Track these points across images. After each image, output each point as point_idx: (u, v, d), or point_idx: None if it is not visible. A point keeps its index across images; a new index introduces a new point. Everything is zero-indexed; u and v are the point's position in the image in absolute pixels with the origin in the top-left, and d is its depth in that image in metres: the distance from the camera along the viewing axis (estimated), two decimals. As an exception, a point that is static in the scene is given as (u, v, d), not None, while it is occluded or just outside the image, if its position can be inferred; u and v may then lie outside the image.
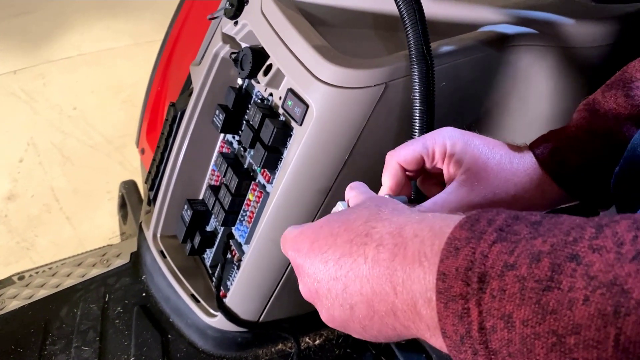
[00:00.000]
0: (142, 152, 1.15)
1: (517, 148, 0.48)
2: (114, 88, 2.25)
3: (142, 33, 2.55)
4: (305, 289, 0.37)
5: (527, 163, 0.47)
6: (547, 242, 0.25)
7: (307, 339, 0.82)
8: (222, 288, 0.78)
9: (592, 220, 0.26)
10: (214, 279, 0.80)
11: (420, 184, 0.52)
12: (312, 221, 0.66)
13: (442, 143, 0.46)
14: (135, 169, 1.85)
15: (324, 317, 0.36)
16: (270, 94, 0.69)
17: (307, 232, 0.37)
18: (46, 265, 0.95)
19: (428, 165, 0.48)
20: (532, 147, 0.48)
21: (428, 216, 0.33)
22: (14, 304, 0.85)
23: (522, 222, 0.28)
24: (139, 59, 2.37)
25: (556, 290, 0.24)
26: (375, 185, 0.50)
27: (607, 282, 0.22)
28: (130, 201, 1.20)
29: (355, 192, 0.43)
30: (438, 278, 0.28)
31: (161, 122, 1.00)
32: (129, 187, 1.25)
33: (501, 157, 0.47)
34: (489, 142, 0.47)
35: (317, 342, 0.82)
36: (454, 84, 0.64)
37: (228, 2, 0.73)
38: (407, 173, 0.48)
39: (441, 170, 0.48)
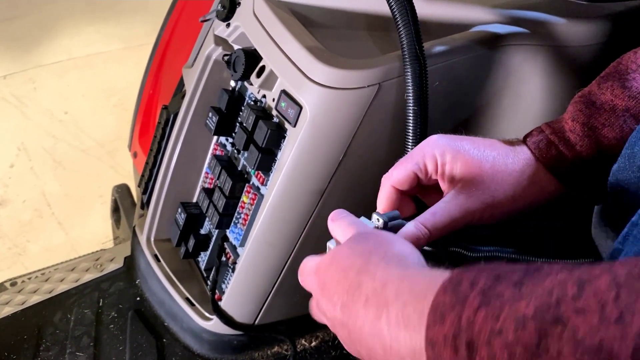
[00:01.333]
0: (135, 155, 1.14)
1: (509, 143, 0.48)
2: (105, 92, 2.23)
3: (133, 36, 2.54)
4: (325, 321, 0.40)
5: (522, 160, 0.46)
6: (531, 305, 0.25)
7: (303, 341, 0.82)
8: (217, 291, 0.77)
9: (572, 273, 0.26)
10: (208, 282, 0.80)
11: (422, 196, 0.51)
12: (307, 223, 0.67)
13: (432, 155, 0.46)
14: (127, 173, 1.83)
15: (344, 344, 0.39)
16: (264, 96, 0.69)
17: (319, 273, 0.39)
18: (39, 270, 0.94)
19: (423, 180, 0.47)
20: (527, 139, 0.48)
21: (409, 273, 0.34)
22: (6, 310, 0.84)
23: (504, 283, 0.28)
24: (131, 63, 2.36)
25: (544, 356, 0.24)
26: (370, 186, 0.50)
27: (594, 348, 0.22)
28: (123, 205, 1.19)
29: (337, 224, 0.44)
30: (427, 347, 0.28)
31: (153, 125, 1.00)
32: (121, 191, 1.24)
33: (494, 159, 0.46)
34: (480, 144, 0.47)
35: (313, 344, 0.82)
36: (447, 84, 0.64)
37: (220, 4, 0.72)
38: (405, 192, 0.48)
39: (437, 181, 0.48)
